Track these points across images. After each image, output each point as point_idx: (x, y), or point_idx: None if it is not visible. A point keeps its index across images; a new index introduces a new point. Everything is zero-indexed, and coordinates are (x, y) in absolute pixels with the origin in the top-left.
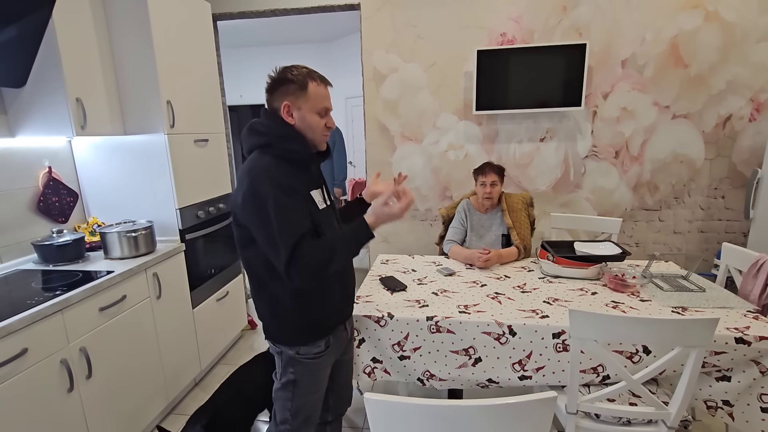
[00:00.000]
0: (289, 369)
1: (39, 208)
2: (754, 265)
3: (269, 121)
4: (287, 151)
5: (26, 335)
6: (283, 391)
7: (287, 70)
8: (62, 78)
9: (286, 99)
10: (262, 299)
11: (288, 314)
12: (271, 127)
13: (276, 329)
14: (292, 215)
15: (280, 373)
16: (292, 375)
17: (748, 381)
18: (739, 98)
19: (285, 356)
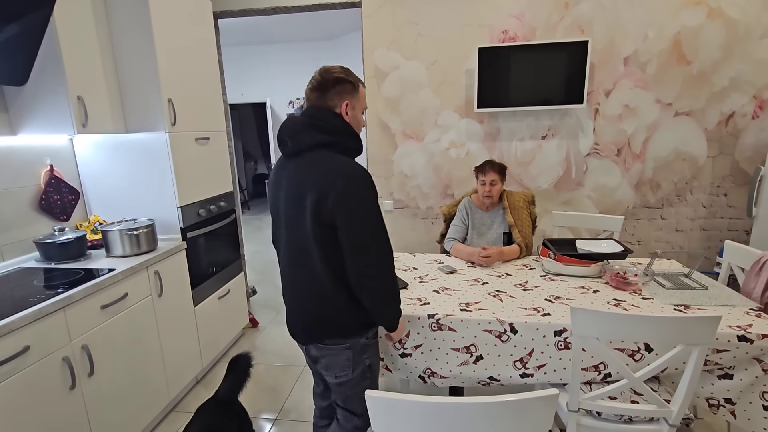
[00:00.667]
0: (363, 356)
1: (41, 206)
2: (756, 263)
3: (333, 119)
4: (350, 149)
5: (28, 333)
6: (362, 379)
7: (341, 71)
8: (63, 76)
9: (344, 98)
10: (340, 297)
11: (360, 305)
12: (336, 125)
13: (352, 323)
14: (382, 219)
15: (353, 367)
16: (367, 360)
17: (750, 379)
18: (742, 95)
19: (358, 347)
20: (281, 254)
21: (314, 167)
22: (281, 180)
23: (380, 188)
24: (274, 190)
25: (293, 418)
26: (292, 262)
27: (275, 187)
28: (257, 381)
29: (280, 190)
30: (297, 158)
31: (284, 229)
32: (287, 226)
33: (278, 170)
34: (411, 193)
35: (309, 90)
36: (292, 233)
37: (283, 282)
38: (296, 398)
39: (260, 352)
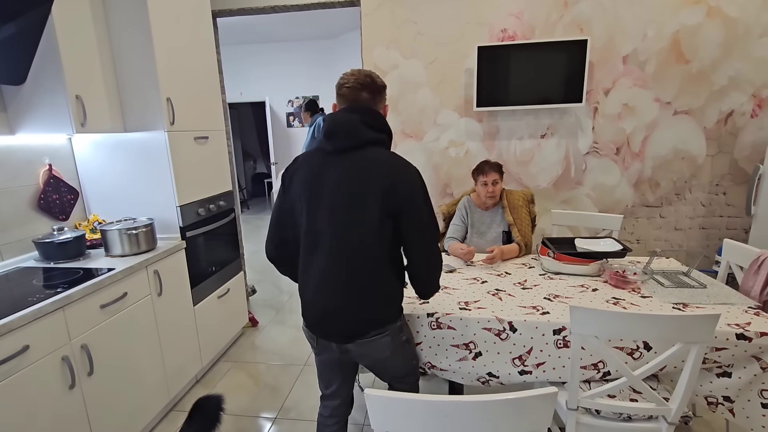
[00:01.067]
0: (401, 336)
1: (40, 205)
2: (755, 261)
3: (383, 119)
4: (389, 147)
5: (28, 332)
6: (402, 352)
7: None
8: (62, 75)
9: (384, 102)
10: (391, 285)
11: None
12: (385, 125)
13: (392, 309)
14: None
15: (392, 348)
16: (404, 336)
17: (748, 377)
18: (741, 94)
19: (395, 329)
20: (314, 254)
21: (375, 161)
22: (323, 174)
23: None
24: (309, 185)
25: (293, 417)
26: (338, 258)
27: (314, 182)
28: (257, 380)
29: (321, 185)
30: (349, 154)
31: (329, 223)
32: (336, 220)
33: (318, 165)
34: None
35: (357, 90)
36: (343, 227)
37: (315, 284)
38: (296, 397)
39: (260, 351)
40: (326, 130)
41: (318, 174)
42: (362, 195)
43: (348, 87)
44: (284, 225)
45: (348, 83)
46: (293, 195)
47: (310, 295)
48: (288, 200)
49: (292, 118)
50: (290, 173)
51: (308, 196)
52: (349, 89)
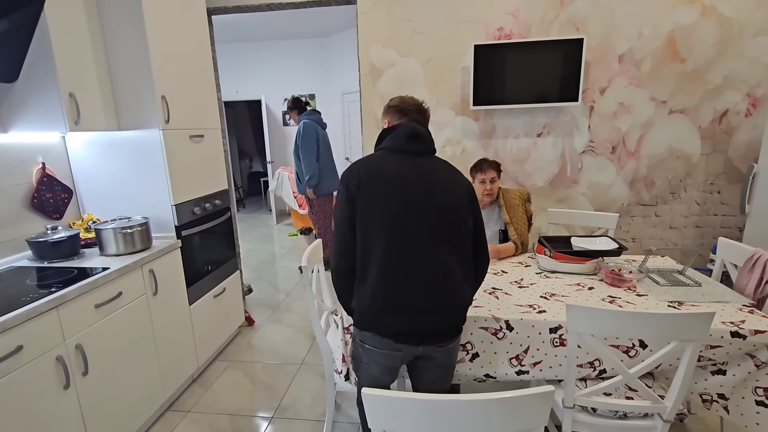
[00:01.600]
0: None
1: (33, 204)
2: (749, 259)
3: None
4: None
5: (21, 332)
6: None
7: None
8: (55, 73)
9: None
10: (465, 286)
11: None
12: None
13: (466, 308)
14: None
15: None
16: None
17: (743, 374)
18: (736, 93)
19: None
20: (409, 254)
21: (449, 165)
22: (410, 174)
23: None
24: (398, 185)
25: (290, 416)
26: (438, 257)
27: (403, 182)
28: (254, 379)
29: (411, 185)
30: (427, 157)
31: (428, 222)
32: (436, 219)
33: (401, 165)
34: None
35: (415, 112)
36: (443, 225)
37: (413, 285)
38: (293, 396)
39: (256, 350)
40: (411, 133)
41: (405, 174)
42: (453, 194)
43: (410, 109)
44: (358, 231)
45: (410, 106)
46: (372, 198)
47: (402, 297)
48: (365, 205)
49: (288, 116)
50: (361, 177)
51: (400, 197)
52: (411, 111)
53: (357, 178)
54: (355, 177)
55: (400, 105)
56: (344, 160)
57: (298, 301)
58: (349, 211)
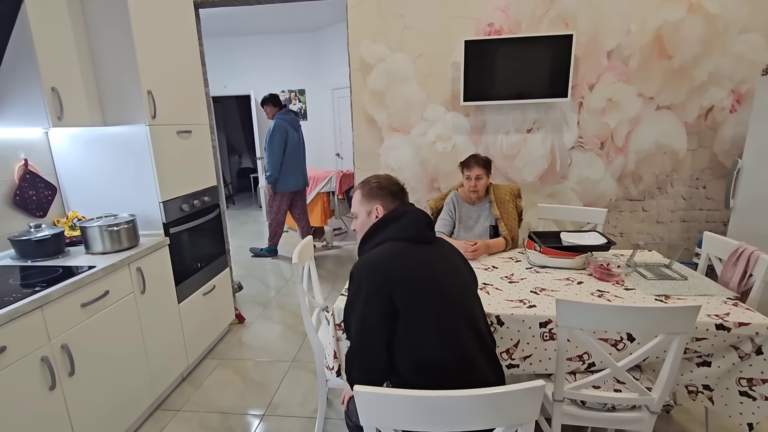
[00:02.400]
0: None
1: (15, 202)
2: (734, 253)
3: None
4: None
5: (4, 333)
6: None
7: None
8: (36, 67)
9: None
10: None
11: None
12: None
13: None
14: None
15: None
16: None
17: (727, 366)
18: (721, 90)
19: None
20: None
21: (448, 244)
22: (430, 262)
23: None
24: (434, 285)
25: (281, 414)
26: (476, 334)
27: (436, 281)
28: (245, 377)
29: (443, 283)
30: (436, 243)
31: (456, 302)
32: (463, 296)
33: (425, 258)
34: None
35: (403, 192)
36: (469, 302)
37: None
38: (284, 393)
39: (247, 347)
40: (426, 222)
41: (437, 268)
42: (462, 272)
43: (399, 190)
44: (400, 337)
45: (398, 187)
46: (417, 302)
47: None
48: (410, 311)
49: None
50: (394, 281)
51: (442, 293)
52: (402, 192)
53: (388, 283)
54: (386, 282)
55: (390, 186)
56: (335, 156)
57: (289, 298)
58: (381, 322)
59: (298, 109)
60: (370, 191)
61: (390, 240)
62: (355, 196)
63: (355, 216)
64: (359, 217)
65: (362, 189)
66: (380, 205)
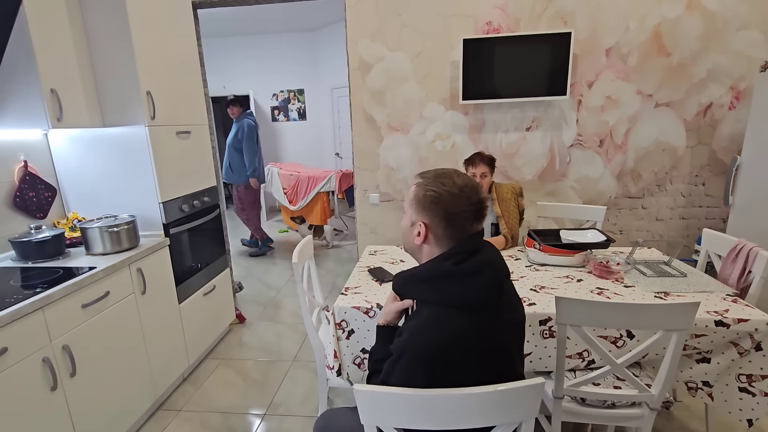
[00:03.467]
0: None
1: (15, 203)
2: (733, 250)
3: None
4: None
5: (6, 334)
6: None
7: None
8: (35, 68)
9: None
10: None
11: None
12: None
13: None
14: None
15: None
16: None
17: (726, 362)
18: (720, 86)
19: None
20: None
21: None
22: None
23: (366, 181)
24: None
25: (282, 413)
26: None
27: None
28: (246, 377)
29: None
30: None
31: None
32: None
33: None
34: (397, 185)
35: (477, 216)
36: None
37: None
38: (285, 393)
39: (248, 347)
40: (492, 285)
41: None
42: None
43: (472, 214)
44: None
45: (469, 209)
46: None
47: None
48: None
49: (277, 111)
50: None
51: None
52: (469, 218)
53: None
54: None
55: (453, 208)
56: (334, 155)
57: (289, 298)
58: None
59: (297, 109)
60: (424, 199)
61: (440, 305)
62: (410, 190)
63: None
64: (404, 220)
65: (417, 188)
66: (427, 224)
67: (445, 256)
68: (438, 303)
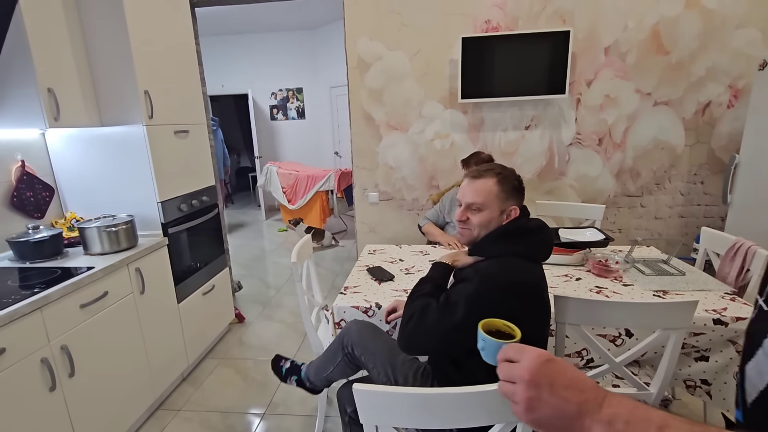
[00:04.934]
0: None
1: (13, 203)
2: (731, 248)
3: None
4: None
5: (4, 335)
6: None
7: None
8: (32, 68)
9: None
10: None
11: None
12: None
13: None
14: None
15: None
16: None
17: (725, 360)
18: (718, 85)
19: None
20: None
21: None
22: (543, 289)
23: (365, 180)
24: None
25: (281, 413)
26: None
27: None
28: (245, 376)
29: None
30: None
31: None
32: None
33: (536, 278)
34: (396, 184)
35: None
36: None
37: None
38: (284, 392)
39: (247, 347)
40: (546, 241)
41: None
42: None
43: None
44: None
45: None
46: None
47: None
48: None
49: (275, 110)
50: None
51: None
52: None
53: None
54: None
55: (522, 189)
56: (333, 154)
57: (289, 297)
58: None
59: (295, 108)
60: (512, 189)
61: (514, 255)
62: (484, 184)
63: (477, 207)
64: (486, 212)
65: (501, 182)
66: (516, 207)
67: (523, 222)
68: (512, 254)
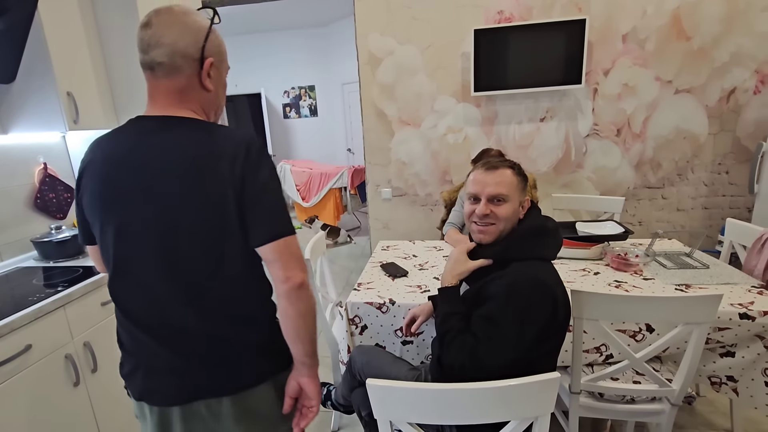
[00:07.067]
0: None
1: (36, 204)
2: (758, 240)
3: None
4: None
5: (30, 331)
6: None
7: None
8: (52, 72)
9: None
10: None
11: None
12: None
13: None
14: None
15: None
16: None
17: (752, 356)
18: (744, 70)
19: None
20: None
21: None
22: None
23: (378, 177)
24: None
25: None
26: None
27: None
28: None
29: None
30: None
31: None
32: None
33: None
34: (409, 180)
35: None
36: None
37: None
38: None
39: None
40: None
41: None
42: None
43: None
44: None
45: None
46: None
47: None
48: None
49: (288, 108)
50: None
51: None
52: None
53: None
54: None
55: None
56: (346, 151)
57: None
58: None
59: (308, 105)
60: (524, 180)
61: (540, 259)
62: (503, 174)
63: (503, 198)
64: (510, 203)
65: (517, 173)
66: (528, 198)
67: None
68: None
